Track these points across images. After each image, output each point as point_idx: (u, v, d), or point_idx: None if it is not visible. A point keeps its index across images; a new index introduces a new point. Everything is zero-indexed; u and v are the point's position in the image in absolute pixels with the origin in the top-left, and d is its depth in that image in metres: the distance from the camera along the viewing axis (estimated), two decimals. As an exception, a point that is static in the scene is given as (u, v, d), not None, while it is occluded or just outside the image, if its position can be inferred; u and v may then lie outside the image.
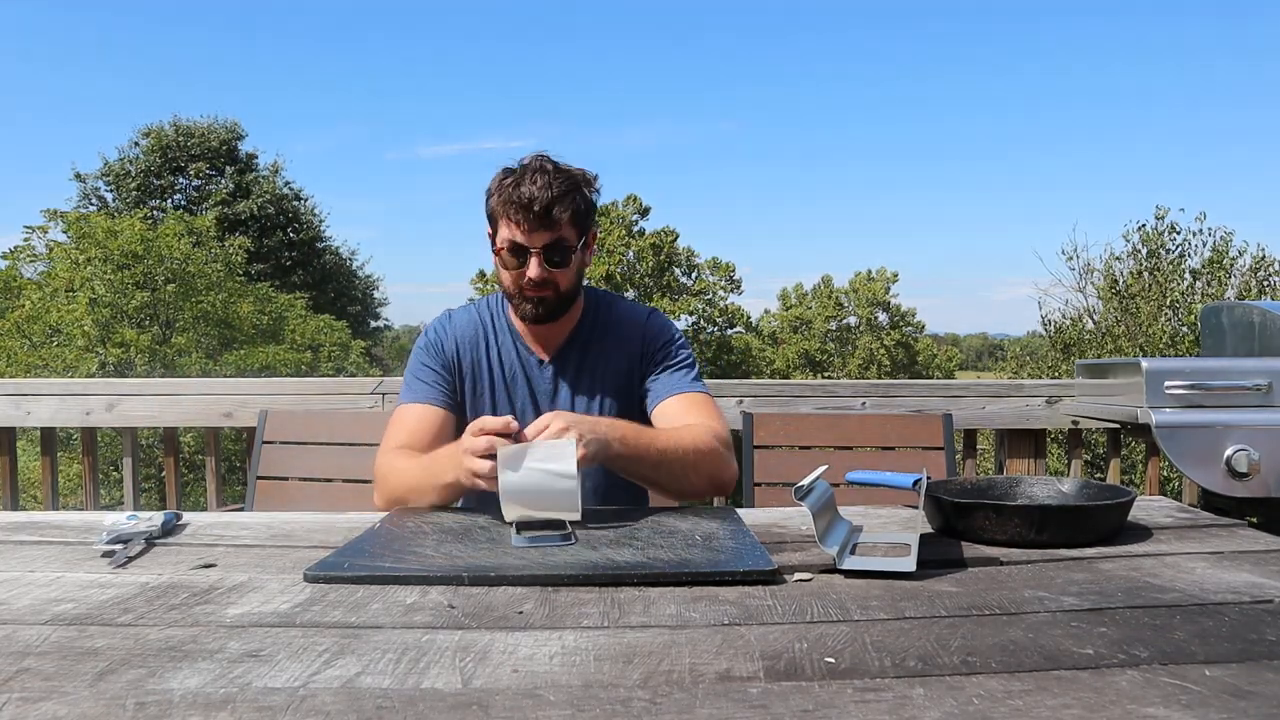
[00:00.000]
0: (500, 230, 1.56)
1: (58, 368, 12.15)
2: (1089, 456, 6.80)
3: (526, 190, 1.50)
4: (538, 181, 1.50)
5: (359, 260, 27.99)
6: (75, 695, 0.69)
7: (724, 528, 1.23)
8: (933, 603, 0.93)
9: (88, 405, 2.58)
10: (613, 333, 1.69)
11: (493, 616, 0.88)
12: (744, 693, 0.70)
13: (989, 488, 1.37)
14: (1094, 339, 11.45)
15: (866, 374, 34.25)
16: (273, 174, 24.73)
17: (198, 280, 14.21)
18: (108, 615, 0.89)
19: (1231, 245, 11.31)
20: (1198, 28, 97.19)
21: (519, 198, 1.50)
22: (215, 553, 1.16)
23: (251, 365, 13.63)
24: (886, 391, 2.59)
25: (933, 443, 2.21)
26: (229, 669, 0.74)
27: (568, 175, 1.55)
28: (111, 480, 8.88)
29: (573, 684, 0.71)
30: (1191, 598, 0.95)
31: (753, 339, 33.95)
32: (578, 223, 1.56)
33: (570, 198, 1.53)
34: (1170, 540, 1.21)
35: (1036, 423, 2.58)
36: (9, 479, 2.70)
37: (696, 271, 31.73)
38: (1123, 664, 0.76)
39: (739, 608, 0.91)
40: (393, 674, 0.73)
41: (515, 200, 1.51)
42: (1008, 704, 0.67)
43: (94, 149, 37.11)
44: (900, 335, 37.21)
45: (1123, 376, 2.23)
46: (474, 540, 1.16)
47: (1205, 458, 2.05)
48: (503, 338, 1.68)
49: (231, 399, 2.55)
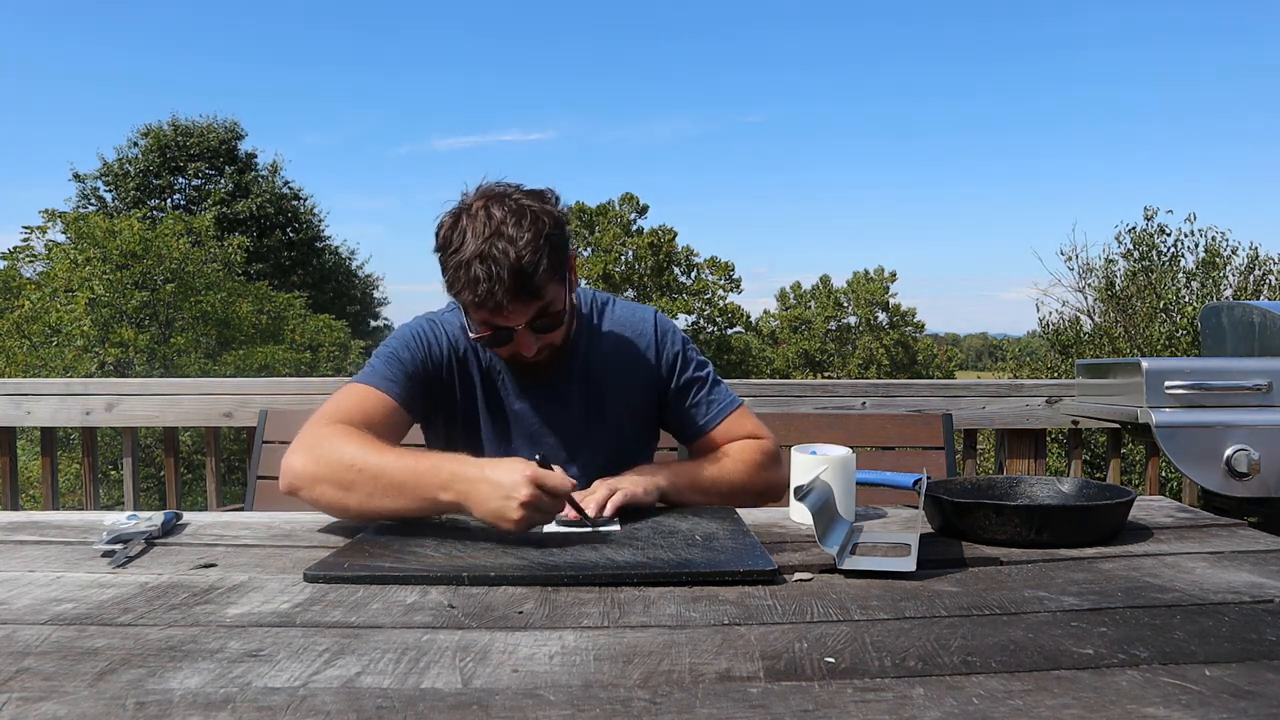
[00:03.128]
0: (469, 314, 1.38)
1: (57, 368, 12.14)
2: (1089, 456, 6.81)
3: (486, 276, 1.27)
4: (494, 258, 1.27)
5: (359, 260, 27.99)
6: (75, 695, 0.69)
7: (724, 528, 1.22)
8: (933, 603, 0.93)
9: (88, 405, 2.58)
10: (617, 353, 1.56)
11: (493, 616, 0.88)
12: (744, 693, 0.70)
13: (989, 488, 1.37)
14: (1091, 340, 11.47)
15: (866, 374, 34.27)
16: (272, 174, 24.72)
17: (197, 280, 14.21)
18: (108, 615, 0.89)
19: (1225, 245, 11.34)
20: (1197, 26, 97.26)
21: (480, 293, 1.28)
22: (215, 553, 1.16)
23: (251, 365, 13.63)
24: (886, 391, 2.59)
25: (933, 443, 2.21)
26: (229, 669, 0.74)
27: (527, 227, 1.30)
28: (111, 480, 8.88)
29: (573, 684, 0.71)
30: (1191, 598, 0.95)
31: (752, 339, 33.96)
32: (556, 274, 1.35)
33: (539, 258, 1.29)
34: (1170, 540, 1.21)
35: (1036, 423, 2.58)
36: (9, 479, 2.70)
37: (695, 271, 31.74)
38: (1123, 664, 0.76)
39: (739, 608, 0.91)
40: (393, 674, 0.73)
41: (477, 296, 1.29)
42: (1008, 704, 0.67)
43: (93, 149, 37.09)
44: (900, 335, 37.23)
45: (1123, 376, 2.23)
46: (474, 540, 1.16)
47: (1205, 458, 2.05)
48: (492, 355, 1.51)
49: (231, 399, 2.54)
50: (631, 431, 1.58)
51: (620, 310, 1.61)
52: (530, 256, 1.29)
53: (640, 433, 1.61)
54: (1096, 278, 12.39)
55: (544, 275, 1.31)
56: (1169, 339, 10.23)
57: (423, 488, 1.18)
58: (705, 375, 1.60)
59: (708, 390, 1.59)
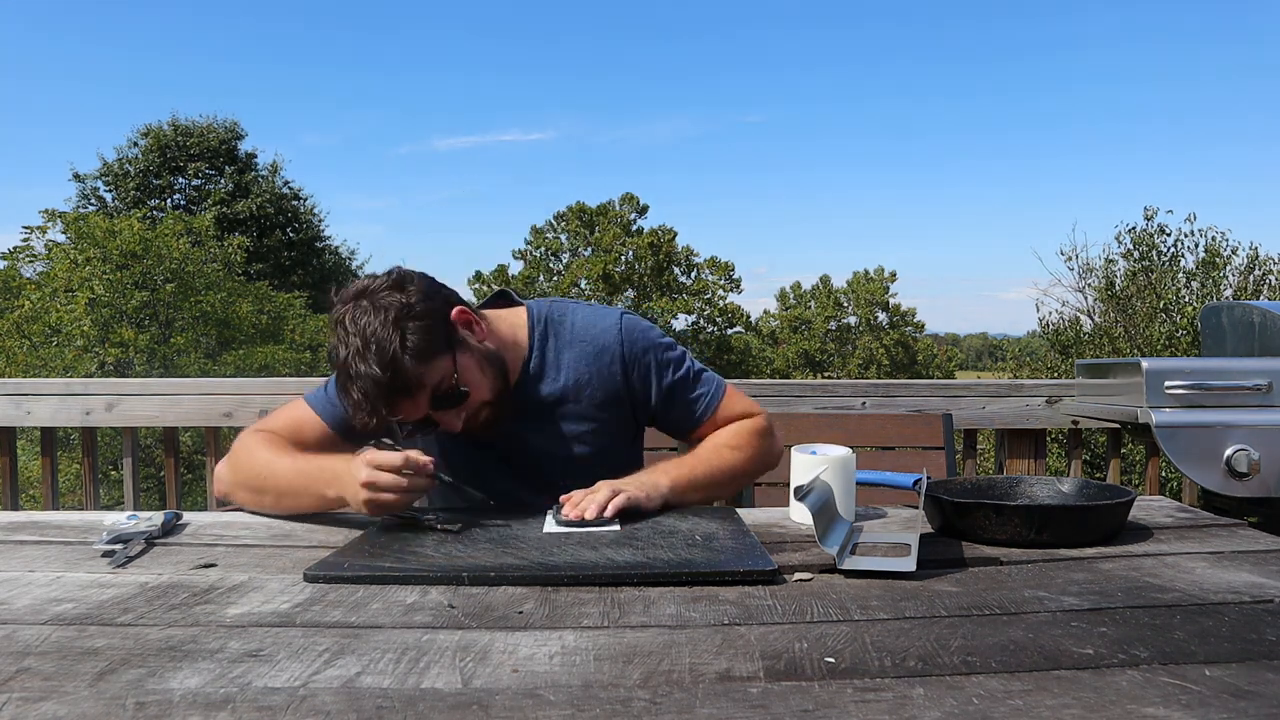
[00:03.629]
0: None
1: (57, 368, 12.14)
2: (1089, 456, 6.81)
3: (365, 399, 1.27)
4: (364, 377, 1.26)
5: (359, 260, 27.99)
6: (75, 695, 0.69)
7: (724, 528, 1.22)
8: (933, 603, 0.93)
9: (88, 405, 2.58)
10: (574, 365, 1.50)
11: (493, 616, 0.88)
12: (744, 693, 0.70)
13: (989, 488, 1.37)
14: (1091, 340, 11.48)
15: (866, 374, 34.28)
16: (272, 174, 24.73)
17: (197, 280, 14.22)
18: (108, 615, 0.89)
19: (1225, 245, 11.35)
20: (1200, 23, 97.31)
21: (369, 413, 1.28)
22: (215, 553, 1.16)
23: (251, 365, 13.63)
24: (886, 391, 2.59)
25: (933, 443, 2.21)
26: (229, 669, 0.74)
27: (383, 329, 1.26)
28: (111, 480, 8.88)
29: (573, 684, 0.71)
30: (1191, 598, 0.95)
31: (752, 339, 33.98)
32: (433, 352, 1.30)
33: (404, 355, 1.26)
34: (1170, 540, 1.21)
35: (1036, 423, 2.58)
36: (9, 479, 2.70)
37: (695, 271, 31.76)
38: (1123, 664, 0.76)
39: (739, 608, 0.91)
40: (393, 674, 0.73)
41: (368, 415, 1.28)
42: (1008, 704, 0.68)
43: (93, 149, 37.08)
44: (900, 335, 37.24)
45: (1123, 376, 2.23)
46: (474, 540, 1.16)
47: (1205, 458, 2.05)
48: None
49: (231, 399, 2.54)
50: (607, 442, 1.54)
51: (580, 322, 1.53)
52: (387, 360, 1.26)
53: (616, 441, 1.57)
54: (1096, 278, 12.41)
55: (415, 367, 1.28)
56: (1169, 339, 10.24)
57: (314, 486, 1.30)
58: (686, 373, 1.56)
59: (692, 387, 1.56)
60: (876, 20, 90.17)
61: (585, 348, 1.51)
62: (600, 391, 1.51)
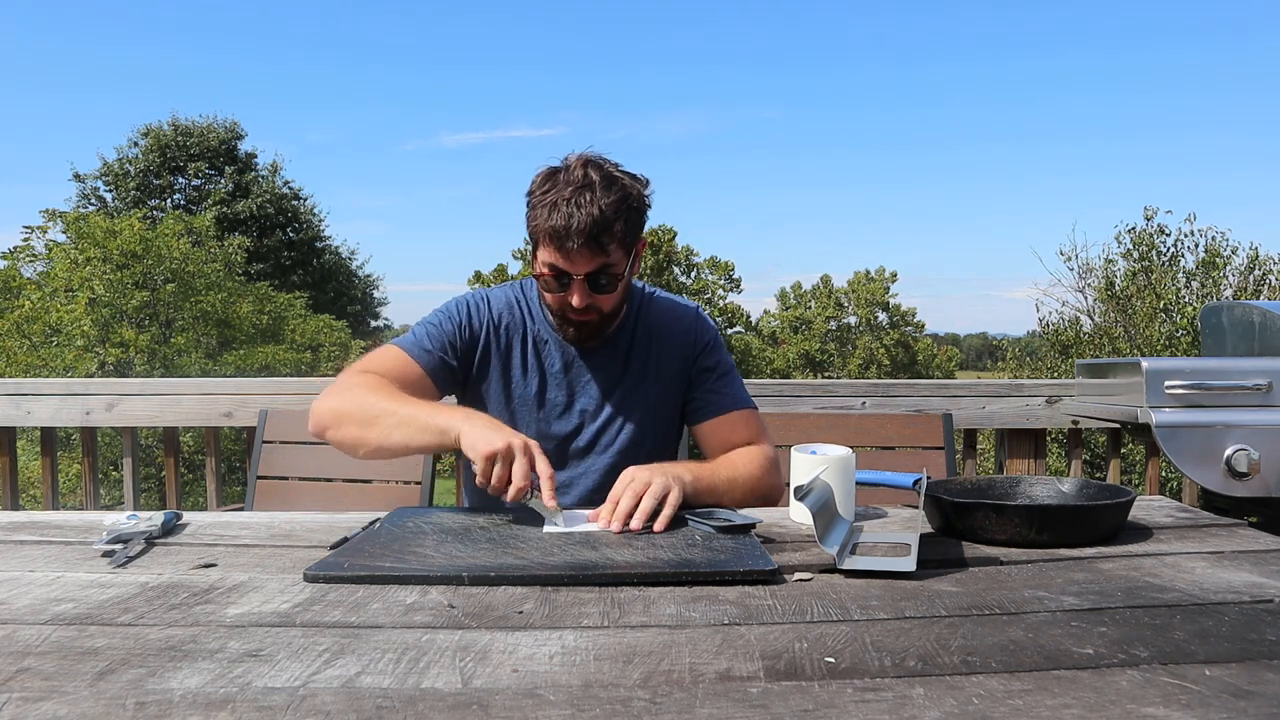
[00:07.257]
0: (540, 251, 1.46)
1: (57, 368, 12.14)
2: (1089, 456, 6.81)
3: (568, 215, 1.38)
4: (581, 204, 1.38)
5: (359, 260, 28.01)
6: (75, 695, 0.69)
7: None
8: (933, 603, 0.93)
9: (88, 405, 2.58)
10: (657, 335, 1.63)
11: (493, 616, 0.88)
12: (744, 692, 0.70)
13: (989, 488, 1.37)
14: (1091, 340, 11.48)
15: (866, 374, 34.26)
16: (272, 174, 24.75)
17: (197, 280, 14.21)
18: (108, 615, 0.89)
19: (1225, 245, 11.35)
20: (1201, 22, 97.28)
21: (559, 225, 1.38)
22: (215, 553, 1.16)
23: (251, 365, 13.64)
24: (886, 391, 2.59)
25: (933, 443, 2.21)
26: (229, 669, 0.74)
27: (615, 191, 1.42)
28: (111, 480, 8.89)
29: (573, 684, 0.71)
30: (1191, 598, 0.95)
31: (753, 339, 33.95)
32: (626, 243, 1.45)
33: (618, 220, 1.41)
34: (1170, 540, 1.21)
35: (1036, 423, 2.58)
36: (9, 479, 2.70)
37: (695, 270, 31.74)
38: (1123, 664, 0.76)
39: (739, 608, 0.91)
40: (393, 674, 0.73)
41: (555, 227, 1.39)
42: (1008, 704, 0.68)
43: (93, 149, 37.05)
44: (900, 335, 37.21)
45: (1123, 376, 2.23)
46: (474, 540, 1.16)
47: (1205, 458, 2.05)
48: (539, 326, 1.60)
49: (231, 399, 2.55)
50: (661, 413, 1.63)
51: (664, 301, 1.69)
52: (610, 214, 1.39)
53: (669, 416, 1.65)
54: (1096, 278, 12.41)
55: (615, 236, 1.42)
56: (1169, 339, 10.25)
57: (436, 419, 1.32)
58: (724, 368, 1.65)
59: (721, 382, 1.64)
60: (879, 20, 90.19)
61: (669, 321, 1.64)
62: (672, 362, 1.63)
